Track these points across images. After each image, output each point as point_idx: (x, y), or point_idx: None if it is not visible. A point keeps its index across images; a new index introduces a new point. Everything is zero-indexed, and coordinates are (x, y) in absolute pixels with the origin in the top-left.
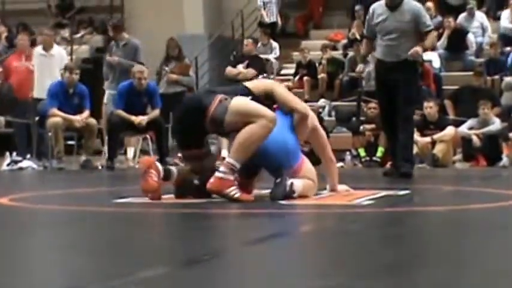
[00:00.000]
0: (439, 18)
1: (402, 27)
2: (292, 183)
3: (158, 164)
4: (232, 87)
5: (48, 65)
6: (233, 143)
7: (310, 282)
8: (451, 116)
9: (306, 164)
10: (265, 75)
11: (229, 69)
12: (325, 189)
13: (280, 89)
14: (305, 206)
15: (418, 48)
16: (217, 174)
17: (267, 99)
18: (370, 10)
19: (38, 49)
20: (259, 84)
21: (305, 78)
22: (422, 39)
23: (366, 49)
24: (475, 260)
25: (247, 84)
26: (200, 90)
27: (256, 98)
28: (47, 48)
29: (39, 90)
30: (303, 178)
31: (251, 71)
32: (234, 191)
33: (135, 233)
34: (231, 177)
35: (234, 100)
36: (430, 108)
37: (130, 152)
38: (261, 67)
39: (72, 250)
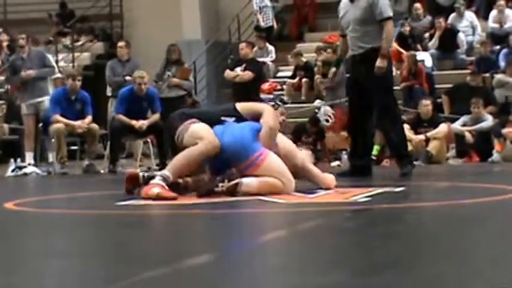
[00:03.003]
0: (429, 17)
1: (358, 16)
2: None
3: (140, 178)
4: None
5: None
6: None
7: (310, 279)
8: (447, 112)
9: (269, 160)
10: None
11: (228, 73)
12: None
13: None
14: (301, 204)
15: (379, 63)
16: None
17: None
18: (338, 8)
19: None
20: (248, 106)
21: (303, 80)
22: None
23: (341, 49)
24: (473, 254)
25: (237, 105)
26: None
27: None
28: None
29: None
30: (263, 175)
31: (248, 74)
32: (155, 189)
33: (139, 234)
34: (161, 183)
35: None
36: (427, 106)
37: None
38: (258, 70)
39: (76, 253)
